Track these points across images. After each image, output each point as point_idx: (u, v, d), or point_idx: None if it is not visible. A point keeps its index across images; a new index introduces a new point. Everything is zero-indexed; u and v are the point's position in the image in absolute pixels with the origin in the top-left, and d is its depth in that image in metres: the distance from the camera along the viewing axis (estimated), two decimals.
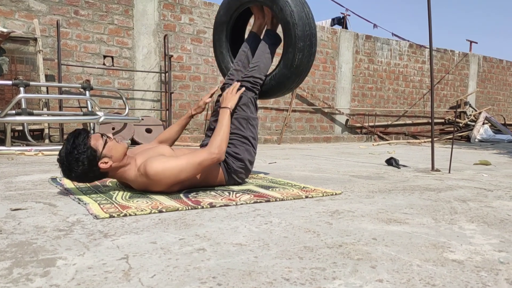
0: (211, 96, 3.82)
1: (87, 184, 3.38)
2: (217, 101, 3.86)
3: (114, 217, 2.32)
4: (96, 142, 2.84)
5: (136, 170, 2.93)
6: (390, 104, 13.46)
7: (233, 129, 3.50)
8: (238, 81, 3.72)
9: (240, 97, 3.61)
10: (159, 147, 3.22)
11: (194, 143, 8.91)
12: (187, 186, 3.13)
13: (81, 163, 2.76)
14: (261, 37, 4.02)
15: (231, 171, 3.41)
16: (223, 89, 3.89)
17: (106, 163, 2.83)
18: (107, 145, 2.86)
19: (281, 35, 3.85)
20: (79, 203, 2.68)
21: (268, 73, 3.92)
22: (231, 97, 3.55)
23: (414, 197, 3.17)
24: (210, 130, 3.74)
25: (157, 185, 2.90)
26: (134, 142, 8.15)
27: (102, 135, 2.93)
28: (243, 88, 3.66)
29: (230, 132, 3.48)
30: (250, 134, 3.54)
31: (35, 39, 7.71)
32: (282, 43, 3.88)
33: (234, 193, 3.09)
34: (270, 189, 3.28)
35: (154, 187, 2.92)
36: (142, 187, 2.97)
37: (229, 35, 4.23)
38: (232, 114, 3.54)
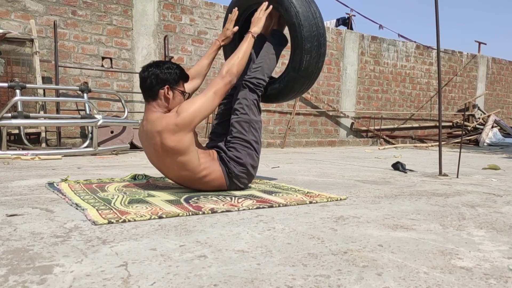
0: (236, 24, 3.91)
1: (83, 186, 3.39)
2: (220, 104, 3.86)
3: (112, 223, 2.32)
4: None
5: (172, 112, 3.20)
6: (397, 107, 13.46)
7: (235, 132, 3.50)
8: (240, 81, 3.72)
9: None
10: None
11: None
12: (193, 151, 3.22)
13: (169, 69, 3.25)
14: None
15: (233, 175, 3.40)
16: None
17: (168, 94, 3.23)
18: (180, 97, 3.30)
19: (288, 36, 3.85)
20: (76, 208, 2.69)
21: (275, 75, 3.94)
22: (257, 20, 3.70)
23: (421, 202, 3.17)
24: (214, 133, 3.74)
25: (181, 123, 3.10)
26: (133, 146, 8.16)
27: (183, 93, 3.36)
28: (271, 7, 3.76)
29: (232, 136, 3.49)
30: (253, 138, 3.53)
31: (32, 40, 7.71)
32: (290, 45, 3.87)
33: (236, 198, 3.09)
34: (273, 194, 3.28)
35: (177, 127, 3.09)
36: (161, 127, 3.11)
37: (238, 38, 4.21)
38: (232, 117, 3.56)
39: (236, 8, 3.93)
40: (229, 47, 4.14)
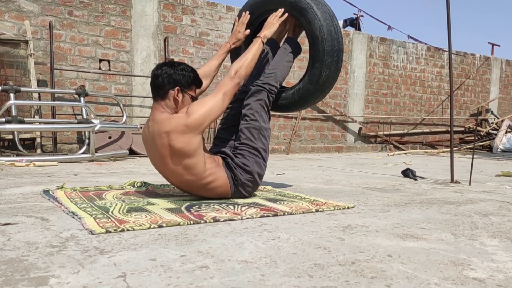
0: (248, 28, 3.94)
1: (79, 194, 3.40)
2: (227, 108, 3.88)
3: (110, 232, 2.32)
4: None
5: (182, 112, 3.22)
6: (406, 112, 13.45)
7: (244, 139, 3.50)
8: (253, 85, 3.73)
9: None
10: None
11: None
12: (200, 153, 3.22)
13: (183, 71, 3.25)
14: (280, 44, 4.05)
15: (238, 183, 3.39)
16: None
17: (177, 96, 3.22)
18: (189, 102, 3.29)
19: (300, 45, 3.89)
20: (73, 217, 2.69)
21: (288, 85, 3.97)
22: (269, 25, 3.74)
23: (432, 211, 3.17)
24: (218, 138, 3.75)
25: (192, 124, 3.12)
26: (132, 152, 8.16)
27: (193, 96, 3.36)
28: (286, 14, 3.80)
29: (240, 142, 3.50)
30: (261, 146, 3.53)
31: (26, 42, 7.72)
32: (308, 57, 3.89)
33: (239, 206, 3.09)
34: (277, 203, 3.28)
35: (186, 128, 3.11)
36: (170, 127, 3.12)
37: (248, 42, 4.23)
38: (241, 122, 3.58)
39: (248, 12, 3.95)
40: (235, 53, 4.17)
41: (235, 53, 4.15)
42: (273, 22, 3.73)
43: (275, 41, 4.07)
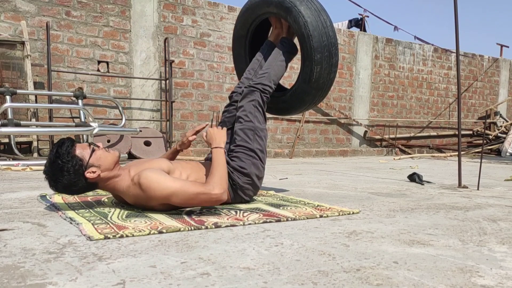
0: (195, 134, 3.64)
1: (77, 199, 3.40)
2: (224, 111, 3.88)
3: (109, 238, 2.32)
4: (82, 151, 2.91)
5: (130, 181, 2.97)
6: (413, 114, 13.45)
7: (239, 141, 3.50)
8: (246, 87, 3.74)
9: (241, 115, 3.63)
10: (156, 160, 3.21)
11: (198, 157, 8.92)
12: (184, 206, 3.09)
13: (66, 172, 2.84)
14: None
15: (237, 187, 3.40)
16: (231, 97, 3.92)
17: (93, 172, 2.89)
18: (94, 153, 2.93)
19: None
20: (71, 223, 2.69)
21: (286, 86, 3.97)
22: (218, 134, 3.41)
23: (439, 216, 3.17)
24: None
25: (149, 199, 2.91)
26: (131, 156, 8.16)
27: (89, 144, 3.01)
28: (225, 129, 3.53)
29: (235, 144, 3.50)
30: (258, 147, 3.54)
31: (23, 43, 7.74)
32: (299, 54, 3.91)
33: (241, 212, 3.09)
34: (281, 208, 3.28)
35: (145, 200, 2.94)
36: (134, 200, 3.00)
37: (248, 49, 4.28)
38: (236, 125, 3.57)
39: (206, 124, 3.92)
40: (238, 57, 4.21)
41: (237, 57, 4.21)
42: (218, 133, 3.43)
43: (272, 43, 4.09)
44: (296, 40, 3.96)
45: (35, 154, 7.68)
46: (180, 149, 3.74)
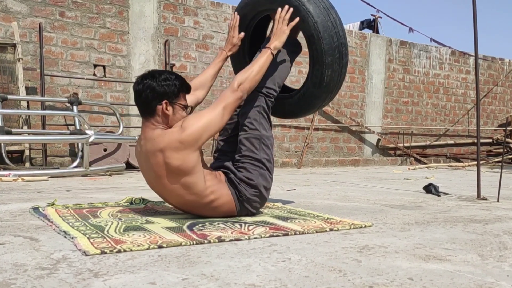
0: (242, 30, 3.88)
1: (72, 211, 3.41)
2: None
3: (106, 253, 2.32)
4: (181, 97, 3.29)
5: (171, 127, 3.19)
6: (429, 121, 13.43)
7: (244, 151, 3.49)
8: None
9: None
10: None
11: None
12: (199, 169, 3.19)
13: (166, 81, 3.19)
14: None
15: (244, 199, 3.38)
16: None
17: (166, 109, 3.17)
18: (181, 112, 3.26)
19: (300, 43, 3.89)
20: (65, 237, 2.69)
21: (292, 88, 3.96)
22: (279, 33, 3.63)
23: (457, 230, 3.16)
24: (219, 151, 3.75)
25: (187, 140, 3.08)
26: (129, 166, 8.15)
27: (186, 107, 3.33)
28: (298, 19, 3.65)
29: (241, 154, 3.48)
30: (265, 156, 3.52)
31: (14, 45, 7.76)
32: (308, 59, 3.87)
33: (247, 225, 3.09)
34: (288, 221, 3.28)
35: (181, 144, 3.08)
36: (165, 144, 3.10)
37: (248, 48, 4.21)
38: (240, 133, 3.57)
39: (237, 13, 3.94)
40: (237, 57, 4.16)
41: (236, 57, 4.16)
42: (283, 29, 3.63)
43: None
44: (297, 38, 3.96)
45: (27, 164, 7.68)
46: (231, 53, 3.92)
